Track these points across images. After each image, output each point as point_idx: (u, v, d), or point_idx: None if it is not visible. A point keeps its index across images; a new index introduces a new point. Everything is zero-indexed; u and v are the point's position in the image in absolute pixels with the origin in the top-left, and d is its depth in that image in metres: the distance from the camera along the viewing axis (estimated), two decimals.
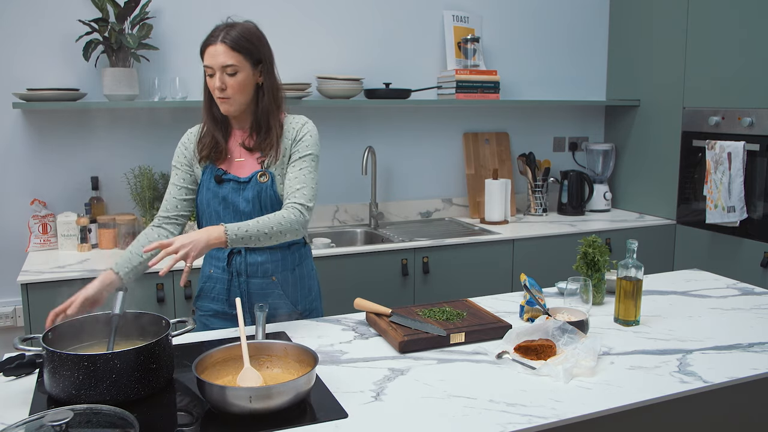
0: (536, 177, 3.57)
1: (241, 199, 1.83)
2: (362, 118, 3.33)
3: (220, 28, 1.78)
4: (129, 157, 2.90)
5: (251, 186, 1.83)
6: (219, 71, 1.75)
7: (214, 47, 1.75)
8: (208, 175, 1.86)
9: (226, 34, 1.76)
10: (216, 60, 1.75)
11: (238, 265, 1.87)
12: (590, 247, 1.96)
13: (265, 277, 1.88)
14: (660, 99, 3.49)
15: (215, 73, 1.76)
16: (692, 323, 1.83)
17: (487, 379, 1.46)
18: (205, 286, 1.92)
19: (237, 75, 1.76)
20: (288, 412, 1.27)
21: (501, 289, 2.80)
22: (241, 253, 1.86)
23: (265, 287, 1.88)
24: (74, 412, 1.11)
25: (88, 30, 2.69)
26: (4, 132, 2.74)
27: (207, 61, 1.77)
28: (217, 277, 1.89)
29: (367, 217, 3.35)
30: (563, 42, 3.73)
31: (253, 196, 1.82)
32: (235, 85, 1.76)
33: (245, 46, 1.77)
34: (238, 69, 1.76)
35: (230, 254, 1.86)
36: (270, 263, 1.87)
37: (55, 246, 2.78)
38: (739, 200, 2.99)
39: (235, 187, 1.83)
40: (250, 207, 1.82)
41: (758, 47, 2.95)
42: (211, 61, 1.75)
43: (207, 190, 1.85)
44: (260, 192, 1.82)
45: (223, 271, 1.88)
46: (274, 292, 1.89)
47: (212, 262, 1.91)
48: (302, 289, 1.94)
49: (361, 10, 3.26)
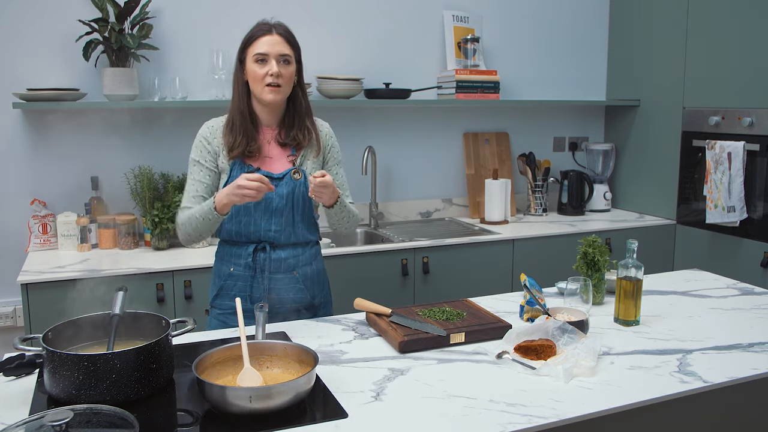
0: (536, 177, 3.57)
1: (275, 195, 1.86)
2: (362, 118, 3.33)
3: (268, 22, 1.87)
4: (129, 157, 2.90)
5: (285, 182, 1.87)
6: (275, 59, 1.82)
7: (272, 36, 1.83)
8: (238, 171, 1.87)
9: (280, 27, 1.86)
10: (274, 48, 1.82)
11: (262, 261, 1.90)
12: (590, 247, 1.96)
13: (288, 272, 1.92)
14: (660, 99, 3.49)
15: (270, 61, 1.82)
16: (692, 323, 1.83)
17: (487, 379, 1.46)
18: (225, 284, 1.94)
19: (289, 66, 1.85)
20: (288, 412, 1.27)
21: (501, 289, 2.80)
22: (266, 249, 1.89)
23: (287, 282, 1.92)
24: (74, 412, 1.11)
25: (88, 30, 2.69)
26: (4, 132, 2.74)
27: (263, 49, 1.82)
28: (239, 274, 1.92)
29: (367, 217, 3.35)
30: (563, 42, 3.73)
31: (287, 193, 1.87)
32: (287, 74, 1.84)
33: (295, 43, 1.89)
34: (290, 60, 1.86)
35: (255, 251, 1.89)
36: (292, 258, 1.92)
37: (55, 246, 2.78)
38: (739, 200, 2.99)
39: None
40: (283, 203, 1.86)
41: (758, 47, 2.95)
42: (269, 48, 1.82)
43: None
44: (294, 189, 1.87)
45: (245, 268, 1.90)
46: (296, 287, 1.93)
47: (232, 260, 1.92)
48: (319, 282, 2.00)
49: (361, 10, 3.26)
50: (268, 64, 1.81)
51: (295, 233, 1.91)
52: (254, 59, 1.82)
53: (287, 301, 1.92)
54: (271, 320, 1.82)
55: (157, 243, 2.77)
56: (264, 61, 1.82)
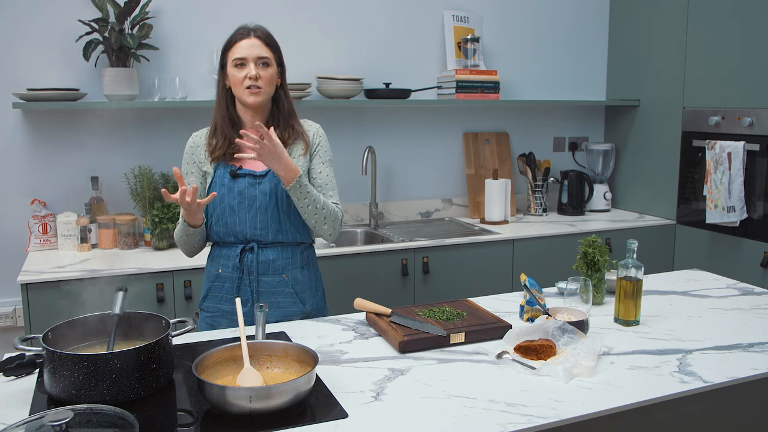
0: (536, 177, 3.57)
1: (258, 192, 1.86)
2: (362, 118, 3.33)
3: (247, 26, 1.89)
4: (129, 157, 2.90)
5: (268, 180, 1.87)
6: (253, 62, 1.84)
7: (249, 40, 1.85)
8: (221, 172, 1.88)
9: (258, 30, 1.88)
10: (252, 51, 1.84)
11: (249, 262, 1.89)
12: (590, 247, 1.96)
13: (276, 275, 1.90)
14: (660, 99, 3.49)
15: (248, 64, 1.83)
16: (692, 323, 1.83)
17: (487, 379, 1.46)
18: (213, 286, 1.94)
19: (268, 68, 1.87)
20: (288, 412, 1.27)
21: (501, 289, 2.80)
22: (254, 250, 1.89)
23: (275, 285, 1.91)
24: (74, 412, 1.11)
25: (88, 30, 2.69)
26: (4, 132, 2.74)
27: (240, 53, 1.84)
28: (227, 276, 1.91)
29: (367, 217, 3.35)
30: (563, 42, 3.73)
31: (270, 189, 1.86)
32: (266, 77, 1.86)
33: (275, 45, 1.91)
34: (269, 63, 1.87)
35: (242, 251, 1.89)
36: (281, 260, 1.91)
37: (55, 246, 2.78)
38: (739, 200, 2.99)
39: (251, 181, 1.87)
40: (267, 200, 1.86)
41: (758, 47, 2.95)
42: (247, 52, 1.84)
43: (221, 186, 1.88)
44: (277, 185, 1.87)
45: (233, 269, 1.90)
46: (284, 290, 1.91)
47: (221, 261, 1.92)
48: (310, 288, 1.98)
49: (361, 10, 3.26)
50: (247, 68, 1.84)
51: (282, 231, 1.89)
52: (233, 63, 1.85)
53: (274, 306, 1.90)
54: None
55: (157, 243, 2.77)
56: (243, 64, 1.84)
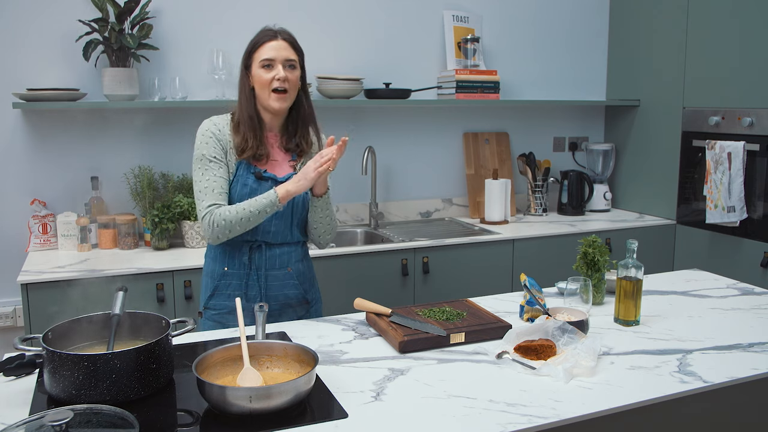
0: (536, 177, 3.57)
1: None
2: (362, 118, 3.33)
3: (272, 28, 1.89)
4: (129, 157, 2.90)
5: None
6: (281, 64, 1.84)
7: (277, 42, 1.85)
8: (244, 171, 1.89)
9: (284, 33, 1.88)
10: (280, 53, 1.84)
11: (257, 259, 1.92)
12: (590, 247, 1.96)
13: (282, 269, 1.95)
14: (660, 99, 3.49)
15: (276, 66, 1.84)
16: (692, 323, 1.83)
17: (487, 379, 1.46)
18: (220, 283, 1.95)
19: (295, 71, 1.87)
20: (288, 412, 1.27)
21: (501, 289, 2.80)
22: (261, 248, 1.91)
23: (282, 278, 1.95)
24: (74, 412, 1.11)
25: (88, 30, 2.69)
26: (4, 132, 2.74)
27: (269, 54, 1.84)
28: (234, 273, 1.93)
29: (367, 217, 3.35)
30: (563, 42, 3.73)
31: None
32: (293, 79, 1.87)
33: (299, 49, 1.91)
34: (296, 65, 1.88)
35: (250, 249, 1.91)
36: (286, 255, 1.95)
37: (55, 246, 2.78)
38: (739, 200, 2.99)
39: (273, 185, 1.87)
40: (285, 206, 1.88)
41: (758, 47, 2.95)
42: (275, 53, 1.84)
43: (243, 186, 1.88)
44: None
45: (240, 267, 1.92)
46: (290, 283, 1.96)
47: (226, 260, 1.93)
48: (309, 279, 2.04)
49: (361, 10, 3.26)
50: (275, 69, 1.83)
51: (291, 234, 1.96)
52: (260, 65, 1.84)
53: (281, 297, 1.95)
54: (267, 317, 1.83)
55: (157, 243, 2.77)
56: (270, 66, 1.84)
